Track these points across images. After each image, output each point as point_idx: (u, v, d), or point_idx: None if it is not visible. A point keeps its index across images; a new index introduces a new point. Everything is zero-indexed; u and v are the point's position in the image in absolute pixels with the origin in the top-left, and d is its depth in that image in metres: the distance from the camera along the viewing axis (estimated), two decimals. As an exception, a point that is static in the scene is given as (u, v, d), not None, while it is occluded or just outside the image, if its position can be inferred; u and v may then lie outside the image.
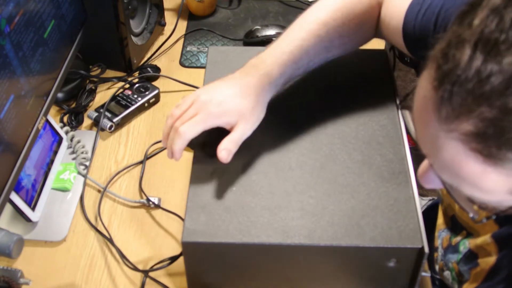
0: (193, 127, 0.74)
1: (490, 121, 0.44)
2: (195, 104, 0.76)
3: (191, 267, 0.75)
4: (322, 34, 0.79)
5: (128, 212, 0.99)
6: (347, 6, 0.81)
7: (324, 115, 0.85)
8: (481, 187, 0.49)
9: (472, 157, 0.46)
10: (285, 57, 0.78)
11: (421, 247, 0.69)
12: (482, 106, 0.44)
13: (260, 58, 0.79)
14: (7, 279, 0.84)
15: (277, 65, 0.78)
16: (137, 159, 1.07)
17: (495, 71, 0.43)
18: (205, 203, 0.74)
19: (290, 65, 0.78)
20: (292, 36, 0.80)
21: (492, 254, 0.74)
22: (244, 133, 0.76)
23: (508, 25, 0.43)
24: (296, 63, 0.79)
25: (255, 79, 0.77)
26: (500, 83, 0.43)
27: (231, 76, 0.79)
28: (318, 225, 0.71)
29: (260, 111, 0.77)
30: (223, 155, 0.74)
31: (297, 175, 0.77)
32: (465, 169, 0.48)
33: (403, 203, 0.73)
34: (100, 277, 0.90)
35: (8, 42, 0.83)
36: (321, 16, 0.80)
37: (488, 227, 0.74)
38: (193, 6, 1.40)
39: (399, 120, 0.83)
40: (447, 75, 0.46)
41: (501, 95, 0.43)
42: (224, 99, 0.75)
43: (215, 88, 0.77)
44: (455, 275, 0.83)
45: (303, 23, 0.81)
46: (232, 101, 0.75)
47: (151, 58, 1.28)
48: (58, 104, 1.16)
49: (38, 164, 0.99)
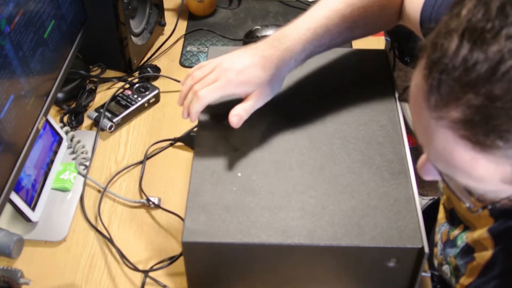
0: (212, 93, 0.76)
1: (476, 108, 0.45)
2: (217, 70, 0.77)
3: (191, 267, 0.75)
4: (346, 14, 0.80)
5: (128, 212, 0.99)
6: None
7: (324, 115, 0.85)
8: (473, 175, 0.49)
9: (461, 145, 0.47)
10: (308, 34, 0.79)
11: (421, 247, 0.69)
12: (469, 93, 0.45)
13: (283, 32, 0.80)
14: (7, 279, 0.84)
15: (300, 41, 0.78)
16: (137, 159, 1.07)
17: (481, 59, 0.44)
18: (205, 203, 0.74)
19: (312, 42, 0.79)
20: (317, 13, 0.80)
21: (488, 248, 0.74)
22: (257, 103, 0.78)
23: (494, 14, 0.44)
24: (319, 40, 0.80)
25: (277, 52, 0.78)
26: (486, 70, 0.44)
27: (254, 46, 0.80)
28: (318, 225, 0.71)
29: (277, 85, 0.79)
30: (235, 120, 0.77)
31: (297, 175, 0.77)
32: (456, 157, 0.49)
33: (403, 203, 0.73)
34: (100, 277, 0.90)
35: (8, 42, 0.83)
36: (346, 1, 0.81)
37: (484, 220, 0.75)
38: (193, 6, 1.40)
39: (399, 120, 0.83)
40: (436, 64, 0.47)
41: (486, 82, 0.44)
42: (245, 68, 0.76)
43: (238, 56, 0.78)
44: (453, 269, 0.83)
45: (329, 1, 0.81)
46: (252, 71, 0.76)
47: (151, 58, 1.28)
48: (58, 104, 1.16)
49: (38, 164, 0.99)
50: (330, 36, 0.80)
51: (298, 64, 0.81)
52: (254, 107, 0.78)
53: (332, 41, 0.82)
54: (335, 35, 0.81)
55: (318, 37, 0.79)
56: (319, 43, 0.80)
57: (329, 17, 0.79)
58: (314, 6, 0.82)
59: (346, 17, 0.80)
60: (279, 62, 0.77)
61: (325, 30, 0.79)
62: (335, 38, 0.81)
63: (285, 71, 0.79)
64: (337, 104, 0.86)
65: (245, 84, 0.77)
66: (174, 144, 1.10)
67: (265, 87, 0.77)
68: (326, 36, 0.80)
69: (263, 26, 1.32)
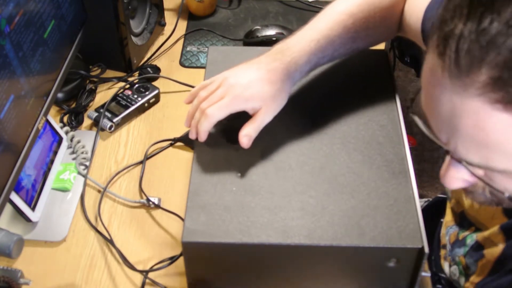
0: (220, 110, 0.76)
1: (502, 65, 0.44)
2: (223, 87, 0.77)
3: (191, 267, 0.75)
4: (348, 25, 0.80)
5: (128, 212, 0.99)
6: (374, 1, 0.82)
7: (324, 115, 0.85)
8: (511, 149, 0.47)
9: (495, 111, 0.45)
10: (312, 45, 0.79)
11: (421, 247, 0.69)
12: (490, 52, 0.44)
13: (286, 44, 0.80)
14: (7, 279, 0.84)
15: (304, 53, 0.78)
16: (137, 159, 1.07)
17: (495, 18, 0.43)
18: (205, 203, 0.74)
19: (316, 53, 0.79)
20: (320, 25, 0.80)
21: (498, 244, 0.73)
22: (265, 119, 0.77)
23: None
24: (322, 52, 0.80)
25: (282, 65, 0.77)
26: (502, 26, 0.43)
27: (257, 59, 0.79)
28: (318, 225, 0.71)
29: (283, 98, 0.78)
30: (245, 140, 0.76)
31: (297, 175, 0.77)
32: (490, 131, 0.47)
33: (403, 203, 0.73)
34: (100, 277, 0.90)
35: (8, 42, 0.83)
36: (348, 6, 0.81)
37: (497, 220, 0.74)
38: (193, 6, 1.40)
39: (399, 120, 0.83)
40: (449, 36, 0.46)
41: (505, 36, 0.43)
42: (251, 83, 0.76)
43: (242, 71, 0.78)
44: (462, 268, 0.83)
45: (331, 12, 0.81)
46: (259, 86, 0.76)
47: (151, 58, 1.28)
48: (58, 104, 1.16)
49: (38, 164, 0.99)
50: (333, 47, 0.80)
51: (302, 76, 0.81)
52: (262, 124, 0.77)
53: (335, 52, 0.82)
54: (338, 45, 0.81)
55: (322, 48, 0.79)
56: (322, 54, 0.80)
57: (332, 28, 0.79)
58: (316, 17, 0.82)
59: (348, 28, 0.80)
60: (284, 76, 0.77)
61: (328, 41, 0.79)
62: (338, 49, 0.81)
63: (290, 84, 0.79)
64: (337, 104, 0.86)
65: (253, 99, 0.76)
66: (174, 144, 1.10)
67: (272, 102, 0.77)
68: (329, 47, 0.80)
69: (263, 26, 1.32)
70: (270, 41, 1.29)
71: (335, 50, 0.81)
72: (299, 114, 0.85)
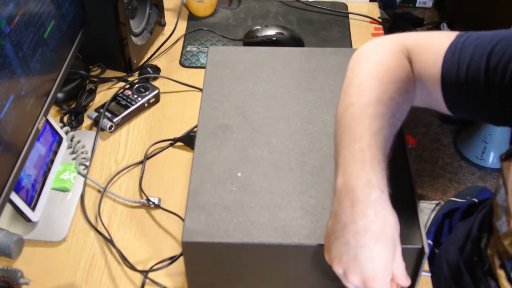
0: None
1: None
2: (356, 276, 0.67)
3: (191, 267, 0.75)
4: (386, 111, 0.71)
5: (128, 212, 0.99)
6: (391, 75, 0.74)
7: (324, 115, 0.85)
8: None
9: None
10: (378, 157, 0.69)
11: (421, 247, 0.69)
12: None
13: (352, 180, 0.67)
14: (7, 279, 0.84)
15: (375, 172, 0.67)
16: (137, 159, 1.07)
17: None
18: (205, 203, 0.74)
19: (382, 158, 0.69)
20: (365, 131, 0.69)
21: None
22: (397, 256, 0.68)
23: None
24: (384, 153, 0.70)
25: (376, 198, 0.66)
26: None
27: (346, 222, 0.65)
28: (318, 225, 0.71)
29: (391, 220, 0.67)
30: (407, 282, 0.69)
31: (297, 175, 0.77)
32: None
33: (403, 203, 0.73)
34: (100, 277, 0.90)
35: (8, 42, 0.83)
36: (375, 95, 0.72)
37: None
38: (193, 6, 1.40)
39: (399, 120, 0.83)
40: None
41: None
42: (386, 262, 0.66)
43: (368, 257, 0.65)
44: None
45: (362, 112, 0.71)
46: (389, 252, 0.66)
47: (151, 58, 1.28)
48: (58, 104, 1.16)
49: (38, 164, 0.99)
50: (388, 144, 0.71)
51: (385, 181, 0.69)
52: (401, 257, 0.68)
53: (387, 143, 0.71)
54: (389, 137, 0.71)
55: (383, 151, 0.70)
56: (384, 156, 0.70)
57: (373, 126, 0.70)
58: (346, 127, 0.71)
59: (388, 117, 0.71)
60: (384, 201, 0.67)
61: (384, 139, 0.70)
62: (389, 140, 0.71)
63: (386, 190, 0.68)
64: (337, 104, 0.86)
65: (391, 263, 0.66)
66: (174, 144, 1.10)
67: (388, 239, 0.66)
68: (387, 145, 0.70)
69: (263, 26, 1.32)
70: (270, 41, 1.29)
71: (388, 144, 0.71)
72: (299, 114, 0.85)
